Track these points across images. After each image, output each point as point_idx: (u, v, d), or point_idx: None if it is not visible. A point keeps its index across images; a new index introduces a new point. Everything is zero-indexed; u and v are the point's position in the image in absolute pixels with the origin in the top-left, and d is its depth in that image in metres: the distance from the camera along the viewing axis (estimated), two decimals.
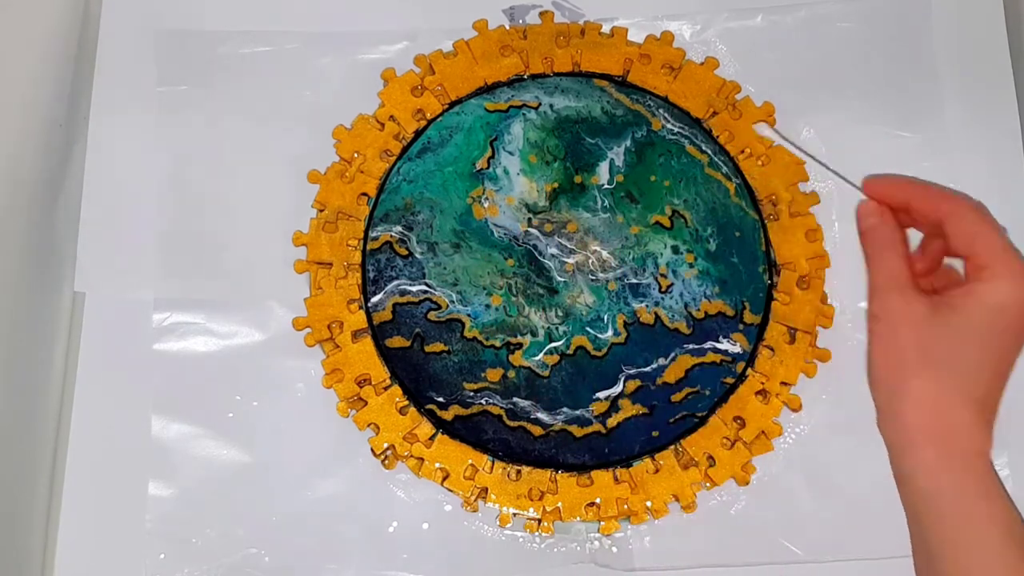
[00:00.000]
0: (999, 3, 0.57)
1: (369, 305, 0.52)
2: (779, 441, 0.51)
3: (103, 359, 0.51)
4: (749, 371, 0.52)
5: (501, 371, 0.51)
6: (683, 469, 0.50)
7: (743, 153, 0.54)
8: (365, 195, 0.53)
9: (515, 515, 0.50)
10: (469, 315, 0.52)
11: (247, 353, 0.52)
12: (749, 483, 0.50)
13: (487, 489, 0.50)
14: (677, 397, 0.51)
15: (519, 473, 0.50)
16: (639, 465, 0.50)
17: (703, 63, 0.56)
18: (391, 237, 0.53)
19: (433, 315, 0.52)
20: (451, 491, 0.50)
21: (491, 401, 0.51)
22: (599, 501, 0.50)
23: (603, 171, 0.54)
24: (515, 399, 0.51)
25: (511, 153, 0.54)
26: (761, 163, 0.54)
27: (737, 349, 0.52)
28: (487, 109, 0.55)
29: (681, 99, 0.55)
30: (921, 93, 0.56)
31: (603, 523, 0.50)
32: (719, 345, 0.52)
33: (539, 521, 0.50)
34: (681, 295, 0.52)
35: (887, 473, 0.51)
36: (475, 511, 0.50)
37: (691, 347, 0.52)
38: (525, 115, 0.55)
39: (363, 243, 0.53)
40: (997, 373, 0.37)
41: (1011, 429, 0.51)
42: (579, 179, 0.54)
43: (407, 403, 0.51)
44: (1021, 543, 0.36)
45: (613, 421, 0.51)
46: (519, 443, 0.51)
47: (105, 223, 0.53)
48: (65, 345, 0.52)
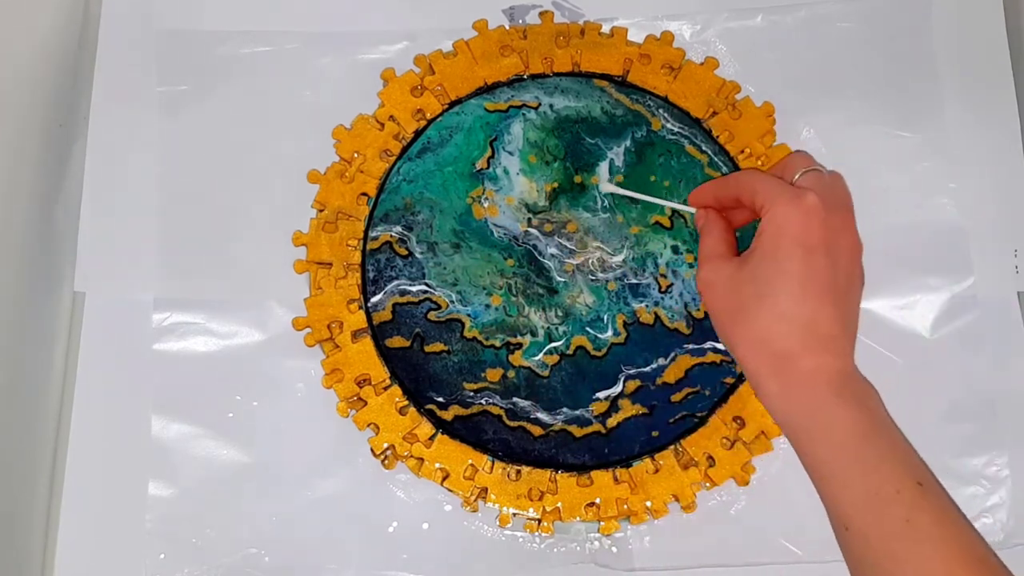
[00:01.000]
0: (999, 3, 0.57)
1: (369, 305, 0.52)
2: (779, 441, 0.51)
3: (103, 359, 0.51)
4: None
5: (501, 371, 0.51)
6: (683, 469, 0.50)
7: (743, 153, 0.54)
8: (365, 195, 0.53)
9: (515, 515, 0.50)
10: (469, 315, 0.52)
11: (247, 353, 0.52)
12: (749, 483, 0.50)
13: (487, 489, 0.50)
14: (677, 397, 0.51)
15: (519, 473, 0.50)
16: (639, 465, 0.50)
17: (703, 63, 0.56)
18: (391, 237, 0.53)
19: (433, 315, 0.52)
20: (451, 491, 0.50)
21: (491, 401, 0.51)
22: (599, 501, 0.50)
23: (603, 171, 0.54)
24: (515, 399, 0.51)
25: (511, 153, 0.54)
26: (761, 163, 0.54)
27: None
28: (487, 109, 0.55)
29: (681, 99, 0.55)
30: (921, 93, 0.56)
31: (603, 523, 0.50)
32: (719, 345, 0.52)
33: (539, 521, 0.50)
34: (681, 295, 0.52)
35: None
36: (475, 511, 0.50)
37: (691, 347, 0.52)
38: (525, 115, 0.55)
39: (363, 243, 0.53)
40: (810, 291, 0.40)
41: (1011, 429, 0.52)
42: (579, 179, 0.54)
43: (407, 403, 0.51)
44: (865, 435, 0.39)
45: (613, 421, 0.51)
46: (519, 443, 0.51)
47: (105, 223, 0.53)
48: (65, 345, 0.52)
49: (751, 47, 0.56)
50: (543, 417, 0.51)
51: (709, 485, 0.50)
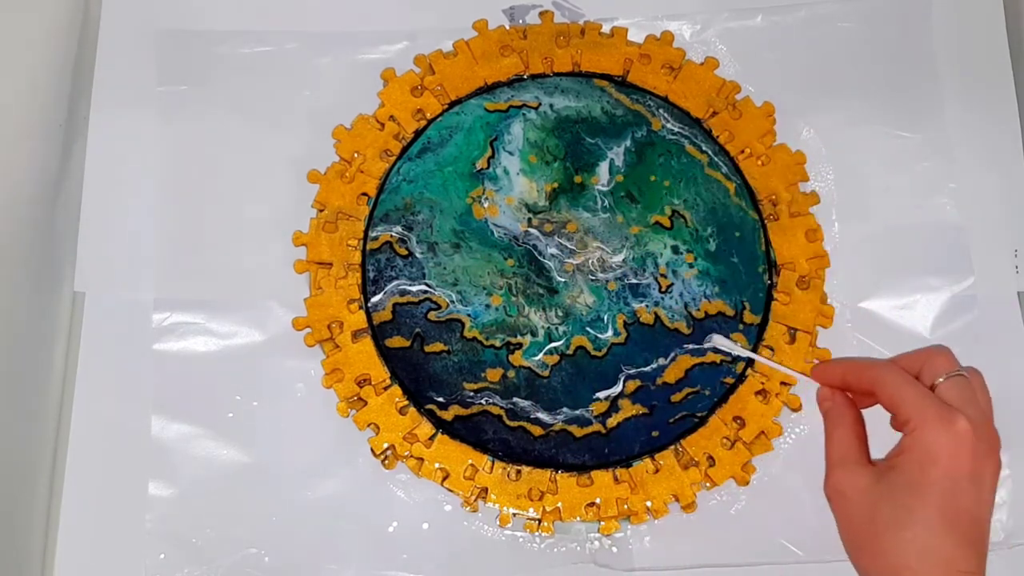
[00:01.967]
0: (999, 3, 0.57)
1: (369, 305, 0.52)
2: (779, 441, 0.51)
3: (103, 359, 0.51)
4: (749, 371, 0.52)
5: (501, 371, 0.51)
6: (683, 469, 0.50)
7: (743, 153, 0.54)
8: (365, 195, 0.53)
9: (515, 515, 0.50)
10: (469, 315, 0.52)
11: (247, 353, 0.52)
12: (749, 483, 0.50)
13: (487, 489, 0.50)
14: (677, 397, 0.51)
15: (519, 473, 0.50)
16: (639, 465, 0.50)
17: (703, 63, 0.56)
18: (391, 237, 0.53)
19: (433, 315, 0.52)
20: (451, 491, 0.50)
21: (491, 401, 0.51)
22: (599, 501, 0.50)
23: (603, 171, 0.54)
24: (515, 399, 0.51)
25: (511, 153, 0.54)
26: (761, 163, 0.54)
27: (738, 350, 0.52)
28: (487, 109, 0.55)
29: (681, 99, 0.55)
30: (921, 93, 0.56)
31: (603, 523, 0.50)
32: (719, 345, 0.52)
33: (539, 521, 0.50)
34: (681, 295, 0.52)
35: None
36: (475, 511, 0.50)
37: (691, 347, 0.52)
38: (525, 115, 0.55)
39: (363, 243, 0.53)
40: (953, 527, 0.37)
41: (1011, 429, 0.51)
42: (579, 179, 0.54)
43: (407, 403, 0.51)
44: None
45: (613, 421, 0.51)
46: (519, 443, 0.51)
47: (105, 223, 0.53)
48: (65, 345, 0.52)
49: (751, 47, 0.56)
50: (543, 417, 0.51)
51: (709, 485, 0.50)
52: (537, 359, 0.51)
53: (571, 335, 0.52)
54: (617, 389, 0.51)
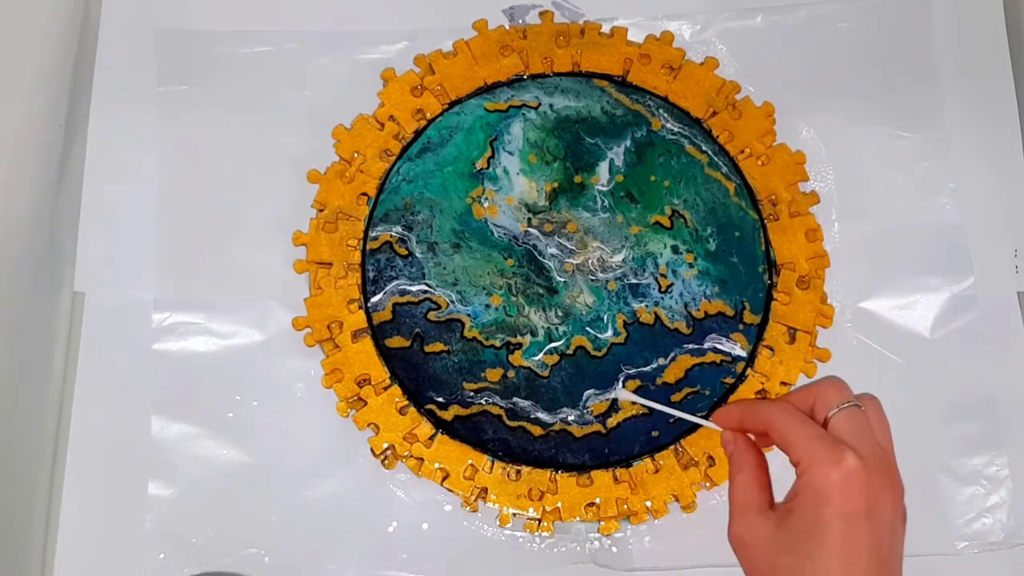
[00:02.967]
0: (999, 3, 0.57)
1: (369, 305, 0.52)
2: None
3: (103, 359, 0.51)
4: (749, 371, 0.52)
5: (501, 371, 0.51)
6: (683, 469, 0.50)
7: (743, 153, 0.54)
8: (365, 195, 0.53)
9: (515, 515, 0.50)
10: (469, 315, 0.52)
11: (247, 353, 0.52)
12: None
13: (487, 489, 0.50)
14: (677, 397, 0.51)
15: (519, 473, 0.50)
16: (639, 465, 0.50)
17: (703, 63, 0.56)
18: (391, 237, 0.53)
19: (433, 315, 0.52)
20: (451, 491, 0.50)
21: (491, 401, 0.51)
22: (599, 501, 0.50)
23: (603, 171, 0.54)
24: (515, 399, 0.51)
25: (511, 153, 0.54)
26: (761, 163, 0.54)
27: (738, 350, 0.52)
28: (487, 109, 0.55)
29: (681, 99, 0.55)
30: (921, 93, 0.56)
31: (603, 523, 0.50)
32: (719, 345, 0.52)
33: (539, 521, 0.50)
34: (681, 295, 0.52)
35: None
36: (475, 511, 0.50)
37: (691, 347, 0.52)
38: (525, 115, 0.55)
39: (363, 243, 0.53)
40: (853, 567, 0.36)
41: (1011, 429, 0.52)
42: (579, 179, 0.54)
43: (407, 403, 0.51)
44: None
45: (613, 421, 0.51)
46: (519, 443, 0.51)
47: (105, 223, 0.53)
48: (65, 345, 0.52)
49: (751, 47, 0.56)
50: (543, 417, 0.51)
51: (709, 485, 0.50)
52: (537, 359, 0.51)
53: (571, 335, 0.52)
54: (613, 394, 0.51)
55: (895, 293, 0.53)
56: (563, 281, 0.52)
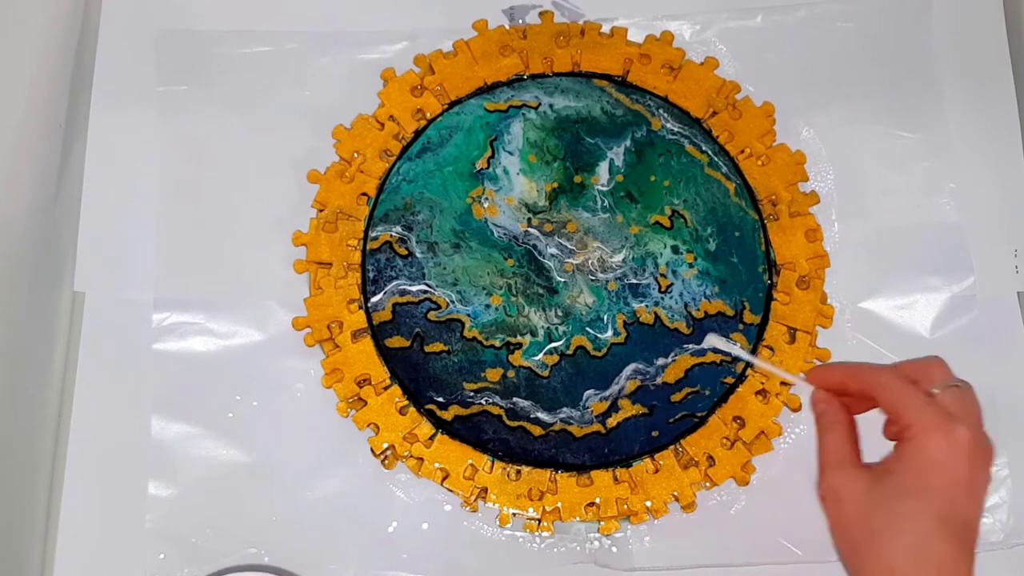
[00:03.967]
0: (999, 3, 0.57)
1: (369, 305, 0.52)
2: (779, 441, 0.51)
3: (103, 359, 0.51)
4: (749, 371, 0.52)
5: (501, 371, 0.51)
6: (683, 469, 0.50)
7: (743, 153, 0.54)
8: (365, 195, 0.53)
9: (515, 515, 0.50)
10: (469, 315, 0.52)
11: (247, 353, 0.52)
12: (749, 483, 0.50)
13: (487, 489, 0.50)
14: (677, 397, 0.51)
15: (519, 473, 0.50)
16: (639, 465, 0.50)
17: (703, 63, 0.56)
18: (391, 237, 0.53)
19: (433, 315, 0.52)
20: (451, 491, 0.50)
21: (491, 401, 0.51)
22: (599, 501, 0.50)
23: (603, 171, 0.54)
24: (515, 399, 0.51)
25: (511, 153, 0.54)
26: (761, 163, 0.54)
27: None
28: (487, 109, 0.55)
29: (681, 99, 0.55)
30: (921, 93, 0.56)
31: (603, 523, 0.50)
32: (719, 345, 0.52)
33: (539, 521, 0.50)
34: (681, 295, 0.52)
35: None
36: (475, 511, 0.50)
37: (691, 347, 0.52)
38: (525, 115, 0.55)
39: (363, 243, 0.53)
40: (950, 531, 0.37)
41: (1011, 429, 0.52)
42: (579, 179, 0.54)
43: (407, 403, 0.51)
44: None
45: (613, 421, 0.51)
46: (519, 443, 0.51)
47: (105, 223, 0.53)
48: (65, 345, 0.52)
49: (751, 47, 0.56)
50: (543, 417, 0.51)
51: (709, 485, 0.50)
52: (537, 359, 0.51)
53: (571, 335, 0.52)
54: (617, 389, 0.51)
55: (895, 293, 0.53)
56: (563, 281, 0.52)
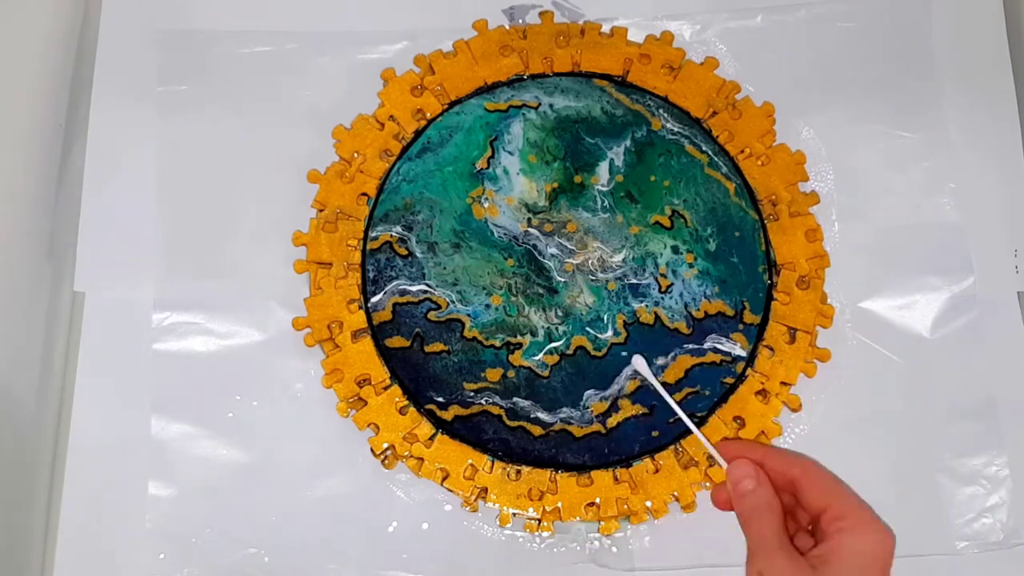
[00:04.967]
0: (999, 3, 0.57)
1: (369, 305, 0.52)
2: (779, 441, 0.51)
3: (103, 359, 0.51)
4: (749, 371, 0.52)
5: (501, 371, 0.51)
6: (683, 469, 0.50)
7: (743, 153, 0.54)
8: (365, 195, 0.53)
9: (515, 515, 0.50)
10: (469, 315, 0.52)
11: (247, 353, 0.52)
12: None
13: (487, 489, 0.50)
14: (677, 397, 0.51)
15: (519, 473, 0.50)
16: (639, 465, 0.50)
17: (703, 63, 0.56)
18: (391, 237, 0.53)
19: (433, 315, 0.52)
20: (451, 491, 0.50)
21: (491, 401, 0.51)
22: (599, 501, 0.50)
23: (603, 171, 0.54)
24: (515, 399, 0.51)
25: (511, 153, 0.54)
26: (761, 163, 0.54)
27: (738, 350, 0.52)
28: (487, 109, 0.55)
29: (681, 99, 0.55)
30: (921, 93, 0.56)
31: (603, 523, 0.50)
32: (719, 345, 0.52)
33: (539, 521, 0.50)
34: (681, 295, 0.52)
35: (886, 473, 0.51)
36: (475, 511, 0.50)
37: (691, 347, 0.52)
38: (525, 115, 0.55)
39: (363, 243, 0.53)
40: None
41: (1011, 429, 0.52)
42: (579, 179, 0.54)
43: (407, 403, 0.51)
44: None
45: (613, 421, 0.51)
46: (519, 443, 0.51)
47: (105, 223, 0.53)
48: (65, 345, 0.52)
49: (751, 47, 0.56)
50: (543, 417, 0.51)
51: (709, 485, 0.50)
52: (537, 359, 0.51)
53: (571, 335, 0.52)
54: (617, 388, 0.51)
55: (895, 293, 0.53)
56: (563, 281, 0.52)
